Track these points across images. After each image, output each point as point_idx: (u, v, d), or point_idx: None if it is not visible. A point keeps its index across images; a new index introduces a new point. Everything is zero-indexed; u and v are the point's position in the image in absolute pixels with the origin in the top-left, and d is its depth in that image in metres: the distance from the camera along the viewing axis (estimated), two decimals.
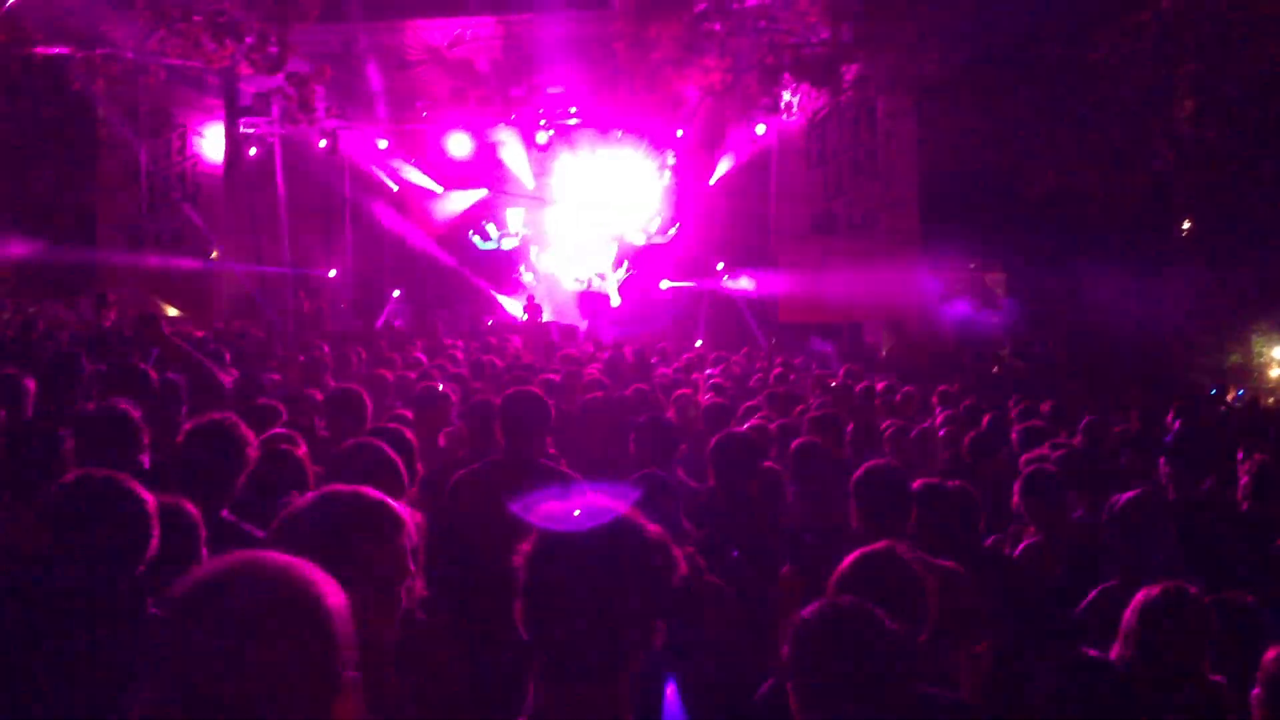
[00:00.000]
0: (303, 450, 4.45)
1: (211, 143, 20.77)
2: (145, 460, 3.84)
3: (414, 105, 20.70)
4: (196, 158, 20.66)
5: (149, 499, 2.74)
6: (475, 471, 4.33)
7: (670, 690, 2.91)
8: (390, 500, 2.26)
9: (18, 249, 18.47)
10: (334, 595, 1.51)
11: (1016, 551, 4.89)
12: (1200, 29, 14.02)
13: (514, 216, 22.65)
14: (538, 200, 22.57)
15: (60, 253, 18.58)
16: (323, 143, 20.53)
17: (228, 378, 5.92)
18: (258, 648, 1.41)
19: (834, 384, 9.62)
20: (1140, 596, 3.16)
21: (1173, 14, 14.01)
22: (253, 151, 20.99)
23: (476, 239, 22.60)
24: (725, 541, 4.25)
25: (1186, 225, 17.38)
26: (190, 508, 2.97)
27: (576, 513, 1.85)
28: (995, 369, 16.90)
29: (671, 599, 1.86)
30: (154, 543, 2.69)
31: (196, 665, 1.40)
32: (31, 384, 5.29)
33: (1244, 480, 5.57)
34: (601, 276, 21.88)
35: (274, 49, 17.13)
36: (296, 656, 1.43)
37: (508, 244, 22.62)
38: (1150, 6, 14.17)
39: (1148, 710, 2.97)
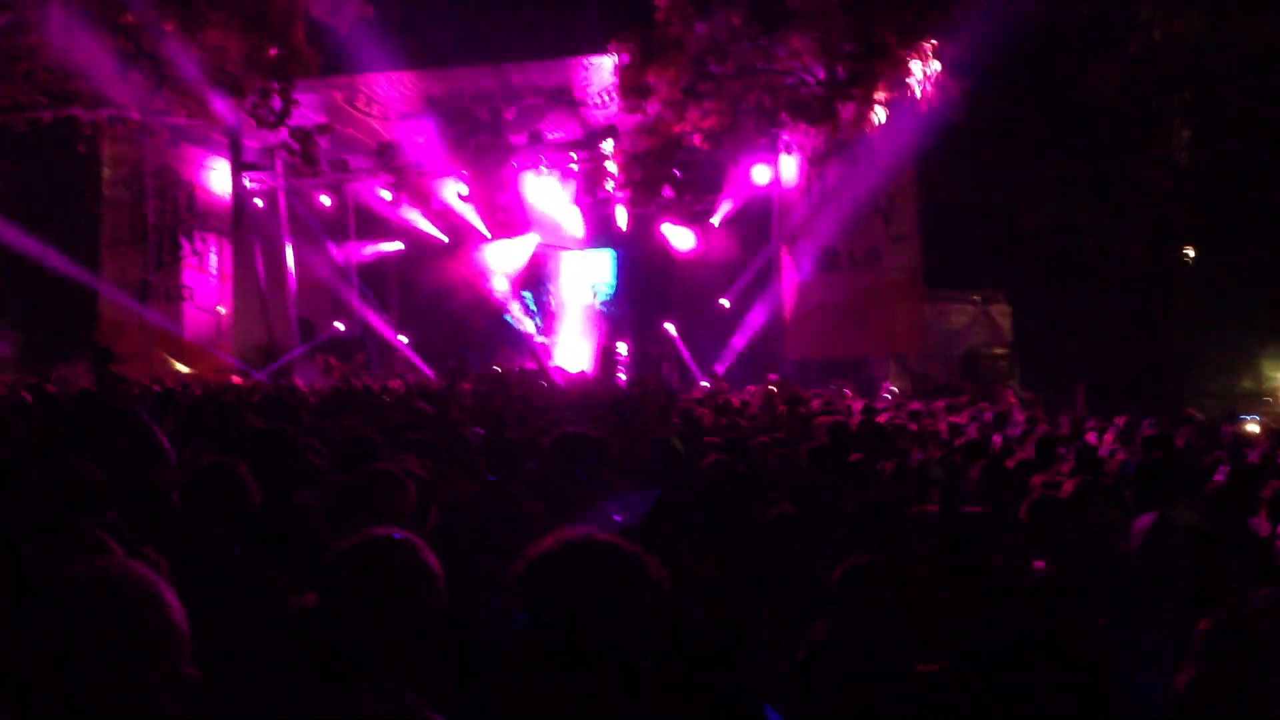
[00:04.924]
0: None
1: (217, 198, 20.95)
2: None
3: (416, 155, 20.85)
4: (203, 214, 20.84)
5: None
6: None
7: None
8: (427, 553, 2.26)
9: (22, 308, 18.64)
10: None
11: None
12: (1189, 58, 14.11)
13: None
14: (549, 244, 22.76)
15: (64, 313, 18.72)
16: (325, 200, 20.76)
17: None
18: None
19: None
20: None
21: (1162, 44, 14.11)
22: (259, 204, 21.15)
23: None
24: None
25: (1190, 253, 17.37)
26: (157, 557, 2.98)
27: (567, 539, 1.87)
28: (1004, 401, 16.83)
29: (662, 621, 1.86)
30: None
31: None
32: None
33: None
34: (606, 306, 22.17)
35: (277, 104, 17.33)
36: None
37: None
38: (1139, 39, 14.27)
39: None
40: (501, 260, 23.07)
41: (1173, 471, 5.67)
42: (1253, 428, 12.71)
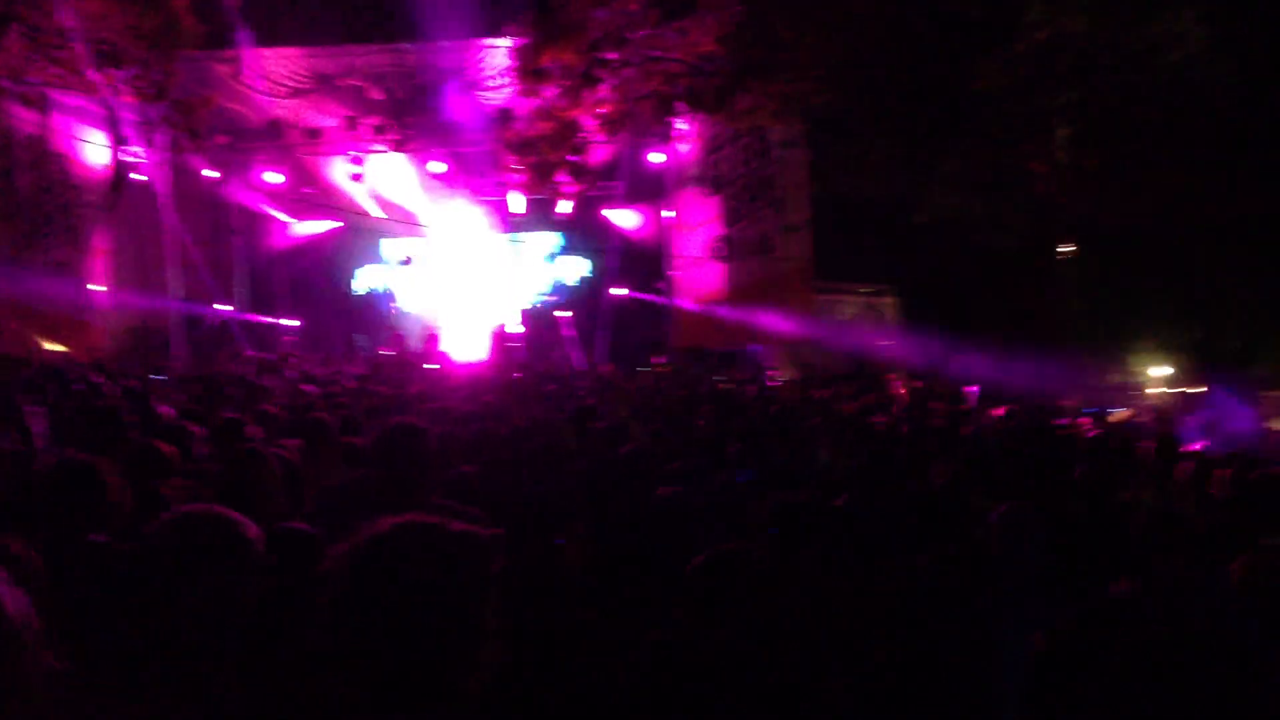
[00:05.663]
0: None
1: (94, 172, 20.08)
2: None
3: (304, 133, 20.30)
4: (79, 188, 19.93)
5: None
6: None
7: None
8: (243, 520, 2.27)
9: None
10: None
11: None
12: (1072, 58, 14.60)
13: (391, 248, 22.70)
14: (441, 227, 22.41)
15: None
16: (212, 174, 20.09)
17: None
18: None
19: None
20: None
21: (1046, 44, 14.56)
22: (138, 179, 20.35)
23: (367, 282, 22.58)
24: None
25: (1067, 249, 17.96)
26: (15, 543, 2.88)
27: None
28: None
29: (490, 589, 1.79)
30: None
31: None
32: None
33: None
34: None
35: (157, 76, 16.74)
36: None
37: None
38: (1025, 38, 14.70)
39: None
40: (392, 243, 22.73)
41: (1043, 461, 5.87)
42: (1117, 419, 13.20)
